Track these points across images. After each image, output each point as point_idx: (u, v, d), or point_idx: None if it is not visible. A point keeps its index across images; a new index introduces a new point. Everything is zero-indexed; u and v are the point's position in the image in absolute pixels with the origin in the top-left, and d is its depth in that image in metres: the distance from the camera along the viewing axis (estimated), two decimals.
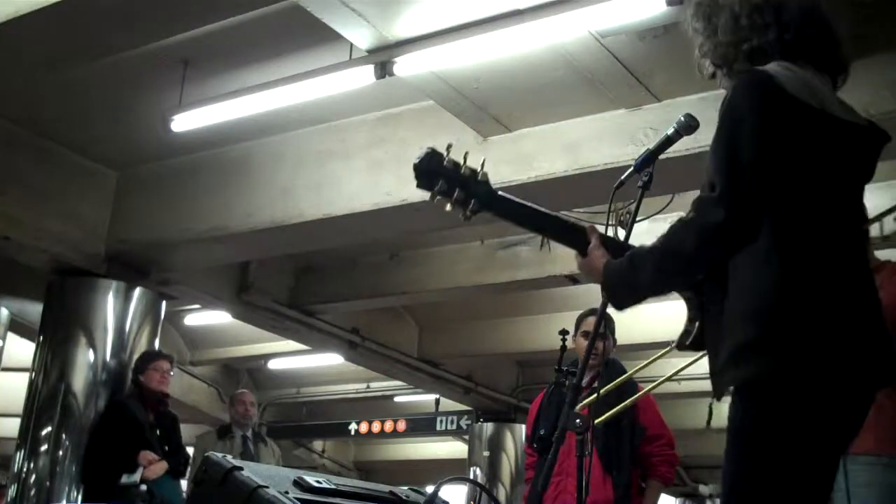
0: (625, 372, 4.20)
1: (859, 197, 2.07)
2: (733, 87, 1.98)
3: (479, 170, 2.14)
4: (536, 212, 2.20)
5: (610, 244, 2.14)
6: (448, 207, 2.14)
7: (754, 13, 2.06)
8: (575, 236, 2.17)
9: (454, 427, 12.20)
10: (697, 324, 2.08)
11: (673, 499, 15.82)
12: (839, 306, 1.85)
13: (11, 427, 7.64)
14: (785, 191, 1.87)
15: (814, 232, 1.88)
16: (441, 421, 12.43)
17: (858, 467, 2.89)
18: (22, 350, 8.74)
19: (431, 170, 2.10)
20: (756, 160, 1.85)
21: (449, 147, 2.16)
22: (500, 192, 2.18)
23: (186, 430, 7.21)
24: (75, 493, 6.68)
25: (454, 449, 14.37)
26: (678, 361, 3.59)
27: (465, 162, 2.13)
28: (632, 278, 1.97)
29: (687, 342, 2.11)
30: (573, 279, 7.48)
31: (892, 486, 2.93)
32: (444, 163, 2.11)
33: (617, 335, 4.64)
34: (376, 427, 13.11)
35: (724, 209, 1.82)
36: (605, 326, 3.92)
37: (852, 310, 1.87)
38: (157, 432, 6.31)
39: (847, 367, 1.84)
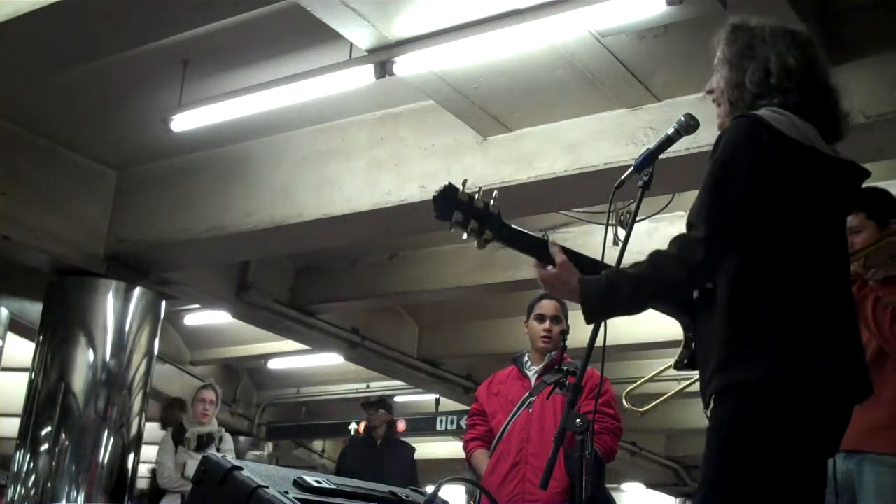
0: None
1: (842, 226, 2.21)
2: (729, 130, 2.10)
3: (490, 202, 2.27)
4: (529, 236, 2.33)
5: (570, 255, 2.25)
6: (465, 237, 2.27)
7: (784, 75, 2.14)
8: (542, 248, 2.28)
9: (454, 427, 12.17)
10: (694, 346, 2.25)
11: (673, 499, 15.83)
12: (816, 328, 2.01)
13: (11, 427, 7.64)
14: (772, 223, 2.03)
15: (795, 258, 2.03)
16: (441, 421, 12.41)
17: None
18: (22, 350, 8.74)
19: (448, 202, 2.22)
20: (742, 201, 2.02)
21: (464, 183, 2.29)
22: (507, 223, 2.30)
23: None
24: (75, 493, 6.67)
25: (454, 449, 14.34)
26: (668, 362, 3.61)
27: (479, 195, 2.26)
28: (609, 296, 2.11)
29: (684, 362, 2.31)
30: None
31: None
32: (459, 196, 2.24)
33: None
34: None
35: (704, 251, 2.01)
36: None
37: (829, 331, 2.02)
38: None
39: (820, 382, 1.98)
